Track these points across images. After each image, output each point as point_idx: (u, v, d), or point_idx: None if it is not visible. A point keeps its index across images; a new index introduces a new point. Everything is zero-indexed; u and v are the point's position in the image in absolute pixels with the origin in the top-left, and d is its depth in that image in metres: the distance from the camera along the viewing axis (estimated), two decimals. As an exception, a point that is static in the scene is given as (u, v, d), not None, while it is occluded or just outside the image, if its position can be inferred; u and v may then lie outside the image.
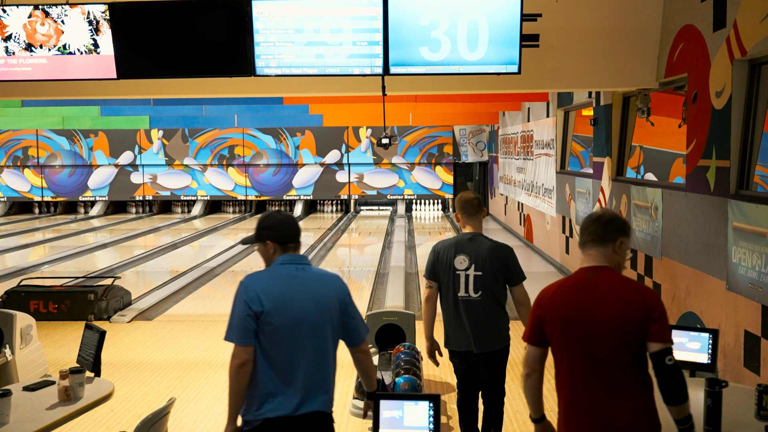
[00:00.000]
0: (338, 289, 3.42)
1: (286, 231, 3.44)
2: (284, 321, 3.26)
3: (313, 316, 3.31)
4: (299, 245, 3.48)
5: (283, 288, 3.31)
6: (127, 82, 7.17)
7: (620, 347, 2.99)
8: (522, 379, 3.32)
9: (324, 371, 3.35)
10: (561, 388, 3.16)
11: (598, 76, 7.94)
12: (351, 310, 3.44)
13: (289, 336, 3.27)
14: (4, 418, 3.86)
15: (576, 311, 3.07)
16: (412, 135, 23.22)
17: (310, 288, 3.35)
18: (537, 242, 14.79)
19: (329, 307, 3.35)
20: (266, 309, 3.25)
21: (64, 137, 23.73)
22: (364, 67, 6.42)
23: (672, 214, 7.38)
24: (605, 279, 3.09)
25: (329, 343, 3.36)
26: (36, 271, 13.12)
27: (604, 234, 3.14)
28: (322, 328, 3.33)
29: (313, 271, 3.43)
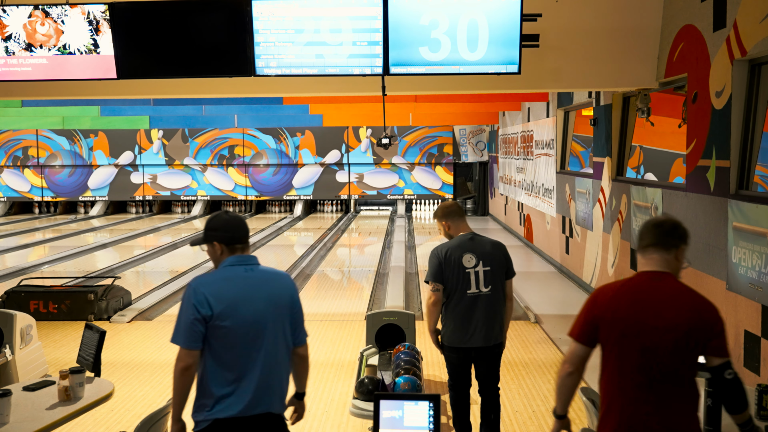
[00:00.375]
0: (290, 287, 3.44)
1: (232, 232, 3.41)
2: (237, 323, 3.25)
3: (267, 316, 3.31)
4: (247, 246, 3.46)
5: (233, 290, 3.29)
6: (127, 82, 7.17)
7: (677, 356, 2.97)
8: (561, 375, 3.26)
9: (278, 371, 3.35)
10: (606, 390, 3.11)
11: (598, 76, 7.94)
12: (299, 307, 3.45)
13: (243, 337, 3.26)
14: (4, 418, 3.86)
15: (637, 315, 3.03)
16: (412, 135, 23.22)
17: (262, 288, 3.34)
18: (537, 242, 14.79)
19: (282, 306, 3.36)
20: (216, 312, 3.23)
21: (64, 137, 23.73)
22: (364, 67, 6.42)
23: (672, 214, 7.38)
24: (668, 285, 3.06)
25: (283, 343, 3.37)
26: (36, 271, 13.12)
27: (668, 240, 3.10)
28: (276, 328, 3.33)
29: (263, 271, 3.41)
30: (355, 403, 5.72)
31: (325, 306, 10.13)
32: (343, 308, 10.01)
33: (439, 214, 4.99)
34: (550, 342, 8.02)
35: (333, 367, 7.18)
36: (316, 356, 7.56)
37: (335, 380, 6.76)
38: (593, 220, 10.36)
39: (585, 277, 10.86)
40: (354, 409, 5.73)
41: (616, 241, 9.27)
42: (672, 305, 3.01)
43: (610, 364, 3.11)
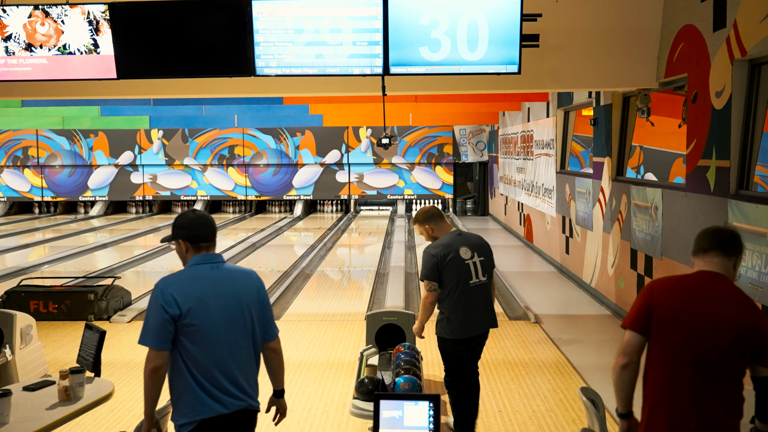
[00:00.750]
0: (256, 283, 3.46)
1: (197, 230, 3.43)
2: (206, 321, 3.27)
3: (235, 313, 3.33)
4: (213, 244, 3.48)
5: (200, 288, 3.32)
6: (127, 82, 7.17)
7: (726, 356, 3.02)
8: (616, 370, 3.20)
9: (250, 368, 3.38)
10: (652, 383, 3.16)
11: (598, 76, 7.94)
12: (267, 304, 3.48)
13: (212, 335, 3.28)
14: (4, 418, 3.86)
15: (693, 309, 3.08)
16: (412, 135, 23.22)
17: (229, 285, 3.37)
18: (537, 242, 14.79)
19: (249, 303, 3.38)
20: (184, 311, 3.26)
21: (64, 137, 23.73)
22: (364, 67, 6.42)
23: (672, 214, 7.38)
24: (727, 287, 3.11)
25: (252, 339, 3.39)
26: (36, 271, 13.12)
27: (730, 246, 3.17)
28: (245, 325, 3.36)
29: (228, 269, 3.44)
30: (355, 403, 5.72)
31: (325, 306, 10.13)
32: (343, 308, 10.01)
33: (420, 218, 5.22)
34: (550, 342, 8.02)
35: (333, 367, 7.19)
36: (316, 356, 7.56)
37: (335, 380, 6.76)
38: (593, 220, 10.36)
39: (585, 277, 10.86)
40: (354, 409, 5.73)
41: (616, 241, 9.27)
42: (729, 306, 3.06)
43: (656, 354, 3.14)
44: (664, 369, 3.13)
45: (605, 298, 9.76)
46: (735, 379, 3.06)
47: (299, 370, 7.08)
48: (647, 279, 8.13)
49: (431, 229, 5.19)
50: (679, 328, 3.09)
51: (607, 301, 9.65)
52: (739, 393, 3.07)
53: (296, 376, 6.91)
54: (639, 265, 8.41)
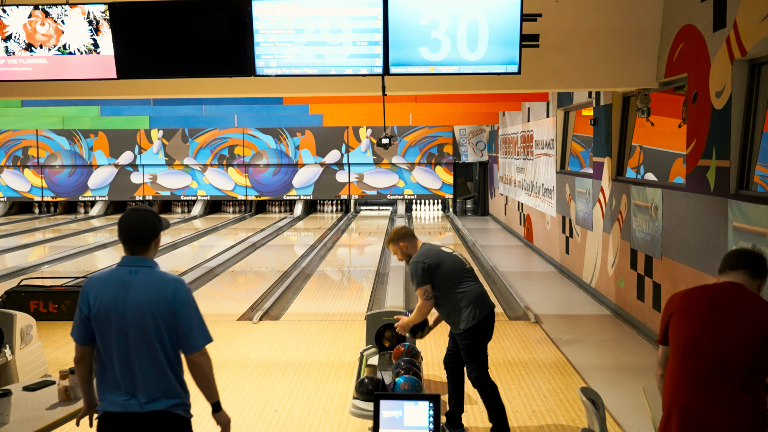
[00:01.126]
0: (168, 295, 3.30)
1: (123, 231, 3.35)
2: (108, 325, 3.26)
3: (135, 321, 3.24)
4: (144, 246, 3.37)
5: (111, 292, 3.28)
6: (127, 82, 7.16)
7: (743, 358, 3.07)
8: (657, 380, 3.45)
9: (155, 377, 3.28)
10: (667, 384, 3.26)
11: (598, 76, 7.94)
12: (183, 316, 3.31)
13: (114, 340, 3.26)
14: (4, 418, 3.86)
15: (711, 311, 3.17)
16: (412, 135, 23.22)
17: (136, 294, 3.27)
18: (537, 242, 14.79)
19: (157, 314, 3.26)
20: (92, 312, 3.27)
21: (64, 137, 23.73)
22: (364, 67, 6.42)
23: (672, 214, 7.38)
24: (747, 294, 3.19)
25: (159, 348, 3.27)
26: (36, 271, 13.12)
27: (758, 268, 3.27)
28: (146, 335, 3.25)
29: (145, 276, 3.33)
30: (355, 403, 5.73)
31: (325, 306, 10.13)
32: (343, 308, 10.01)
33: (394, 238, 5.41)
34: (550, 342, 8.02)
35: (333, 367, 7.19)
36: (316, 356, 7.56)
37: (335, 380, 6.76)
38: (593, 220, 10.36)
39: (585, 277, 10.86)
40: (354, 409, 5.73)
41: (616, 241, 9.27)
42: (749, 310, 3.12)
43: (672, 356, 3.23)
44: (675, 368, 3.19)
45: (605, 298, 9.76)
46: (749, 385, 3.07)
47: (299, 370, 7.08)
48: (647, 279, 8.13)
49: (405, 247, 5.39)
50: (693, 330, 3.15)
51: (607, 301, 9.65)
52: (753, 401, 3.07)
53: (296, 376, 6.91)
54: (639, 265, 8.41)
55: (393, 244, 5.43)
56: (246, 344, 8.06)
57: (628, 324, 8.69)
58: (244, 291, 11.69)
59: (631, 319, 8.66)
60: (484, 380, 5.23)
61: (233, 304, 10.35)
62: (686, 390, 3.12)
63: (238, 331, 8.66)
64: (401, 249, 5.41)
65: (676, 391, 3.16)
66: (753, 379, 3.06)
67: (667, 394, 3.23)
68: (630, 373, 6.89)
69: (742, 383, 3.05)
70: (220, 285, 12.03)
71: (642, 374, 6.72)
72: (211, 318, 9.37)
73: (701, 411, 3.06)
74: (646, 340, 8.00)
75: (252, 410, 6.03)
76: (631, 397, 6.11)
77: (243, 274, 13.13)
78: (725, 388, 3.05)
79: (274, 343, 8.10)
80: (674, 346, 3.23)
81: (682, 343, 3.18)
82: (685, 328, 3.18)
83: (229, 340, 8.22)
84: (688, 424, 3.09)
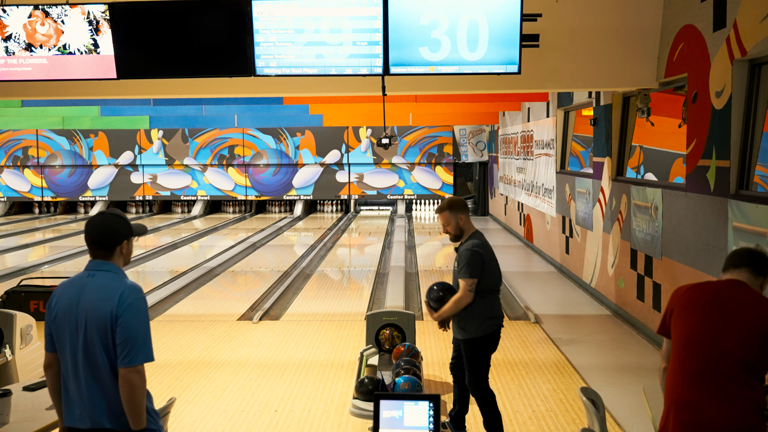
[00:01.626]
0: (114, 301, 3.08)
1: (86, 234, 3.24)
2: (60, 329, 3.15)
3: (83, 327, 3.10)
4: (106, 252, 3.21)
5: (67, 296, 3.17)
6: (127, 82, 7.16)
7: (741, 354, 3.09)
8: (660, 374, 3.47)
9: (101, 388, 3.10)
10: (668, 377, 3.29)
11: (598, 76, 7.94)
12: (123, 326, 3.06)
13: (65, 345, 3.15)
14: (4, 418, 3.86)
15: (711, 306, 3.20)
16: (412, 135, 23.22)
17: (87, 298, 3.12)
18: (537, 242, 14.79)
19: (100, 320, 3.08)
20: (51, 317, 3.19)
21: (64, 137, 23.72)
22: (364, 67, 6.42)
23: (672, 214, 7.38)
24: (749, 292, 3.22)
25: (103, 360, 3.08)
26: (36, 271, 13.12)
27: (761, 266, 3.29)
28: (92, 342, 3.09)
29: (98, 280, 3.16)
30: (355, 403, 5.73)
31: (325, 306, 10.13)
32: (343, 308, 10.01)
33: (456, 207, 4.91)
34: (550, 342, 8.02)
35: (333, 367, 7.19)
36: (316, 356, 7.56)
37: (335, 380, 6.76)
38: (593, 220, 10.36)
39: (585, 277, 10.86)
40: (354, 409, 5.73)
41: (616, 241, 9.27)
42: (749, 307, 3.15)
43: (673, 350, 3.27)
44: (675, 364, 3.23)
45: (605, 298, 9.76)
46: (748, 382, 3.08)
47: (299, 370, 7.08)
48: (647, 279, 8.13)
49: (463, 221, 4.90)
50: (693, 328, 3.18)
51: (607, 301, 9.65)
52: (752, 396, 3.09)
53: (296, 376, 6.92)
54: (639, 265, 8.41)
55: (451, 213, 4.87)
56: (246, 344, 8.06)
57: (628, 324, 8.69)
58: (244, 291, 11.69)
59: (631, 319, 8.66)
60: (483, 390, 5.06)
61: (233, 304, 10.35)
62: (685, 386, 3.15)
63: (238, 331, 8.67)
64: (458, 222, 4.89)
65: (675, 387, 3.20)
66: (751, 375, 3.08)
67: (667, 391, 3.27)
68: (630, 373, 6.89)
69: (741, 379, 3.07)
70: (220, 285, 12.03)
71: (642, 374, 6.72)
72: (211, 318, 9.37)
73: (700, 406, 3.08)
74: (646, 340, 8.00)
75: (252, 410, 6.03)
76: (631, 397, 6.11)
77: (243, 274, 13.13)
78: (723, 384, 3.07)
79: (274, 343, 8.10)
80: (674, 343, 3.27)
81: (681, 340, 3.21)
82: (685, 325, 3.21)
83: (229, 340, 8.22)
84: (687, 419, 3.11)
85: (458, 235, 4.94)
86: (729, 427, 3.04)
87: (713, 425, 3.06)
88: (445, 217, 4.92)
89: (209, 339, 8.28)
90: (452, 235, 4.95)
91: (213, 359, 7.51)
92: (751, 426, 3.06)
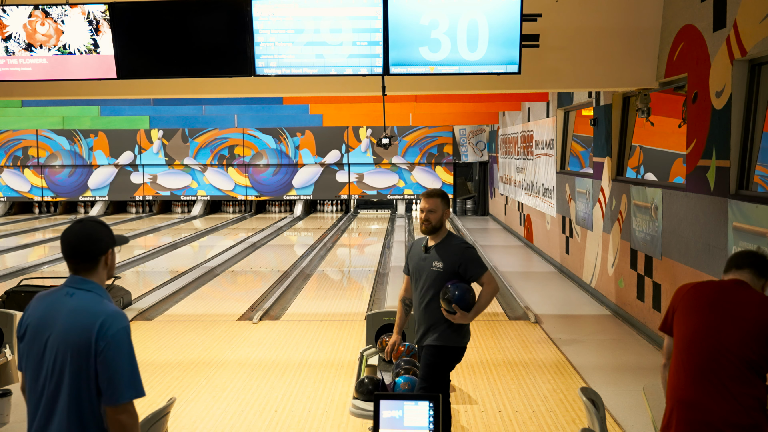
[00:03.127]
0: (93, 330, 2.66)
1: (63, 246, 2.80)
2: (28, 351, 2.78)
3: (51, 355, 2.70)
4: (88, 265, 2.79)
5: (42, 312, 2.77)
6: (127, 82, 7.16)
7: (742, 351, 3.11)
8: (661, 371, 3.50)
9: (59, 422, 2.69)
10: (670, 375, 3.32)
11: (598, 76, 7.94)
12: (106, 363, 2.67)
13: (32, 371, 2.76)
14: (4, 418, 3.87)
15: (712, 305, 3.23)
16: (412, 135, 23.22)
17: (61, 318, 2.71)
18: (537, 242, 14.79)
19: (76, 347, 2.67)
20: (21, 331, 2.81)
21: (64, 137, 23.73)
22: (364, 67, 6.42)
23: (672, 214, 7.38)
24: (750, 292, 3.24)
25: (63, 389, 2.68)
26: (36, 271, 13.12)
27: (762, 268, 3.31)
28: (47, 373, 2.70)
29: (78, 300, 2.74)
30: (355, 403, 5.73)
31: (325, 306, 10.13)
32: (343, 308, 10.01)
33: (448, 200, 4.77)
34: (550, 342, 8.02)
35: (333, 367, 7.19)
36: (316, 356, 7.56)
37: (335, 380, 6.76)
38: (593, 220, 10.36)
39: (585, 277, 10.86)
40: (354, 409, 5.73)
41: (616, 241, 9.27)
42: (750, 306, 3.17)
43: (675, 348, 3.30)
44: (678, 362, 3.25)
45: (605, 298, 9.76)
46: (750, 379, 3.10)
47: (299, 370, 7.08)
48: (647, 279, 8.13)
49: (447, 215, 4.73)
50: (694, 327, 3.20)
51: (607, 301, 9.65)
52: (754, 393, 3.10)
53: (296, 376, 6.92)
54: (639, 265, 8.41)
55: (443, 202, 4.69)
56: (246, 344, 8.06)
57: (628, 324, 8.69)
58: (244, 291, 11.69)
59: (631, 319, 8.66)
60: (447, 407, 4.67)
61: (233, 304, 10.35)
62: (688, 384, 3.17)
63: (238, 331, 8.67)
64: (444, 214, 4.69)
65: (678, 385, 3.21)
66: (754, 373, 3.10)
67: (669, 390, 3.29)
68: (630, 373, 6.89)
69: (744, 377, 3.09)
70: (220, 285, 12.03)
71: (642, 374, 6.72)
72: (211, 318, 9.37)
73: (703, 404, 3.10)
74: (646, 340, 8.00)
75: (252, 410, 6.03)
76: (631, 397, 6.11)
77: (243, 274, 13.13)
78: (726, 382, 3.09)
79: (274, 343, 8.10)
80: (677, 342, 3.29)
81: (684, 339, 3.23)
82: (687, 323, 3.24)
83: (229, 340, 8.22)
84: (690, 417, 3.13)
85: (437, 228, 4.70)
86: (733, 425, 3.05)
87: (717, 423, 3.07)
88: (435, 204, 4.68)
89: (209, 339, 8.28)
90: (431, 225, 4.70)
91: (213, 359, 7.50)
92: (755, 423, 3.07)
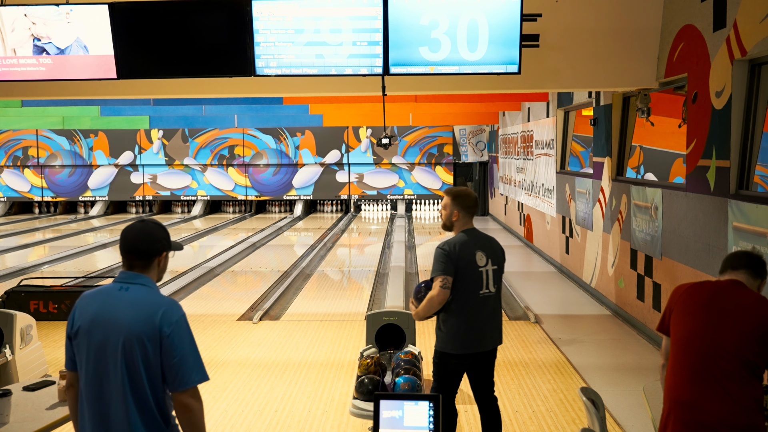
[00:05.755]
0: (154, 318, 2.80)
1: (122, 242, 2.95)
2: (86, 346, 2.85)
3: (114, 344, 2.80)
4: (144, 262, 2.92)
5: (93, 309, 2.86)
6: (127, 82, 7.17)
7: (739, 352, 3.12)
8: (660, 371, 3.52)
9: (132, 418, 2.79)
10: (667, 375, 3.34)
11: (598, 76, 7.94)
12: (173, 344, 2.80)
13: (93, 365, 2.83)
14: (4, 418, 3.86)
15: (709, 305, 3.24)
16: (412, 135, 23.22)
17: (121, 312, 2.82)
18: (537, 242, 14.79)
19: (135, 338, 2.78)
20: (74, 330, 2.88)
21: (64, 137, 23.73)
22: (364, 67, 6.42)
23: (672, 214, 7.38)
24: (747, 292, 3.26)
25: (133, 384, 2.79)
26: (36, 271, 13.12)
27: (758, 268, 3.34)
28: (116, 363, 2.80)
29: (135, 293, 2.87)
30: (355, 403, 5.73)
31: (325, 306, 10.13)
32: (343, 308, 10.01)
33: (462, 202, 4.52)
34: (550, 342, 8.02)
35: (333, 367, 7.19)
36: (316, 356, 7.56)
37: (335, 380, 6.76)
38: (593, 220, 10.36)
39: (585, 277, 10.86)
40: (354, 409, 5.73)
41: (616, 241, 9.27)
42: (747, 306, 3.18)
43: (672, 348, 3.31)
44: (675, 362, 3.25)
45: (605, 298, 9.76)
46: (747, 379, 3.11)
47: (299, 370, 7.08)
48: (647, 279, 8.13)
49: (456, 217, 4.51)
50: (691, 327, 3.21)
51: (607, 301, 9.65)
52: (751, 393, 3.10)
53: (296, 376, 6.92)
54: (639, 265, 8.41)
55: (453, 202, 4.53)
56: (246, 344, 8.06)
57: (628, 324, 8.69)
58: (244, 291, 11.68)
59: (631, 319, 8.66)
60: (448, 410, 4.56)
61: (233, 304, 10.35)
62: (685, 384, 3.17)
63: (238, 331, 8.67)
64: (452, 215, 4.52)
65: (675, 386, 3.22)
66: (751, 373, 3.10)
67: (667, 390, 3.30)
68: (630, 373, 6.89)
69: (741, 377, 3.09)
70: (220, 285, 12.03)
71: (642, 374, 6.72)
72: (211, 318, 9.37)
73: (700, 404, 3.10)
74: (646, 340, 8.00)
75: (252, 410, 6.03)
76: (631, 397, 6.11)
77: (243, 274, 13.13)
78: (723, 382, 3.10)
79: (274, 343, 8.10)
80: (674, 342, 3.30)
81: (681, 339, 3.24)
82: (684, 324, 3.25)
83: (229, 340, 8.22)
84: (688, 418, 3.13)
85: (448, 226, 4.60)
86: (730, 425, 3.05)
87: (714, 423, 3.07)
88: (445, 201, 4.58)
89: (209, 339, 8.28)
90: (443, 222, 4.63)
91: (213, 359, 7.50)
92: (752, 424, 3.07)
